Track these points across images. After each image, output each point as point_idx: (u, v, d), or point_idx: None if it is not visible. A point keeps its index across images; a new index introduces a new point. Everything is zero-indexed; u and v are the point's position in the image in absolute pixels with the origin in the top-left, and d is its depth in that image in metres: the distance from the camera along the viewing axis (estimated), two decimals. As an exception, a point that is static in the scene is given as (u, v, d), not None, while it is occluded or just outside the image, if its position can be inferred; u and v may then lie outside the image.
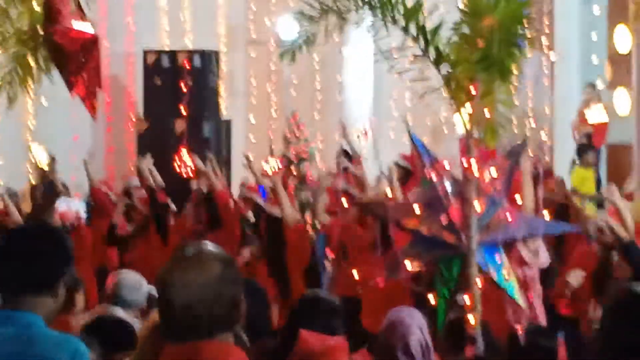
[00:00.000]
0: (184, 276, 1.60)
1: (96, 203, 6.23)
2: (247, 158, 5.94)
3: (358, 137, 7.30)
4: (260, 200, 5.72)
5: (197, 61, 8.24)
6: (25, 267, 1.82)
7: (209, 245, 1.68)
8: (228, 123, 8.60)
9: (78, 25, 3.27)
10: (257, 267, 5.09)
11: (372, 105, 8.69)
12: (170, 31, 8.84)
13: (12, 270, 1.83)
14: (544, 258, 3.90)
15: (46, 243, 1.86)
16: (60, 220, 1.97)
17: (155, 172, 5.90)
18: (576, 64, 8.83)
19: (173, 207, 5.88)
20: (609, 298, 2.07)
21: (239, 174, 8.09)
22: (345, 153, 6.83)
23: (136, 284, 3.18)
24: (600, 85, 8.60)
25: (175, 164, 6.52)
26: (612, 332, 1.85)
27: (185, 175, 6.28)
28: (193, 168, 6.27)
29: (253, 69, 9.43)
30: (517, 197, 3.32)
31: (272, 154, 7.37)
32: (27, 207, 6.62)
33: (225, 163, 8.11)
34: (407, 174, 6.38)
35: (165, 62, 8.39)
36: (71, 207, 1.92)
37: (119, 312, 2.99)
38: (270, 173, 6.66)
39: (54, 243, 1.87)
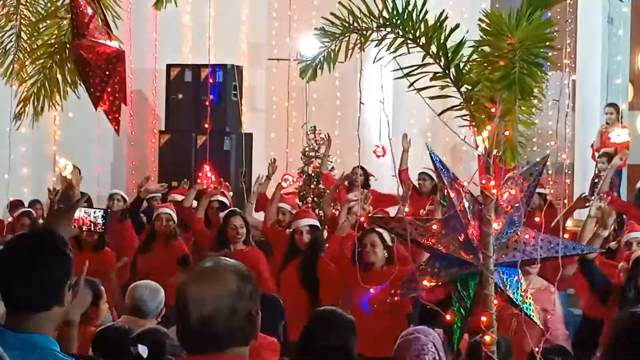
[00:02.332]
0: (200, 289, 1.62)
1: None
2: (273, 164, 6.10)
3: (375, 152, 7.32)
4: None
5: (219, 76, 8.34)
6: (26, 285, 1.75)
7: (227, 259, 1.70)
8: (249, 137, 8.68)
9: (104, 40, 3.33)
10: (288, 276, 5.05)
11: (391, 122, 8.70)
12: (194, 47, 8.98)
13: (14, 290, 1.76)
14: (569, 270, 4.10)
15: (44, 254, 1.78)
16: (74, 225, 2.01)
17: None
18: (599, 85, 8.78)
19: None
20: (616, 323, 2.06)
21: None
22: (362, 168, 6.89)
23: (149, 294, 3.24)
24: (622, 106, 8.54)
25: (199, 180, 6.64)
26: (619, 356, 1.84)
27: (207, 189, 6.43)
28: (215, 183, 6.42)
29: (274, 84, 9.52)
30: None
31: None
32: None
33: (244, 176, 8.16)
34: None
35: (188, 76, 8.51)
36: (89, 214, 1.94)
37: (142, 322, 3.06)
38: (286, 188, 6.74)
39: (52, 252, 1.79)
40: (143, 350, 2.15)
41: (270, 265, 5.27)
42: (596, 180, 7.95)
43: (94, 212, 2.16)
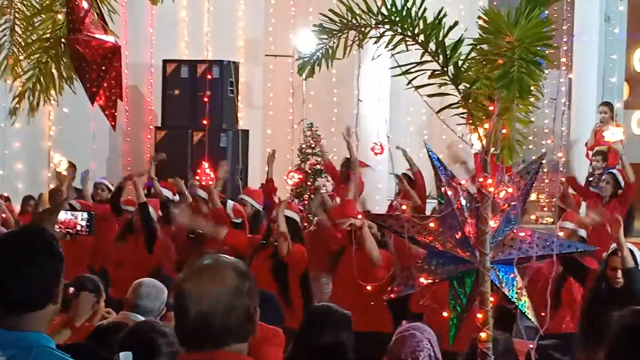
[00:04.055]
0: (198, 286, 1.62)
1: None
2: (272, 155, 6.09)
3: (372, 149, 7.30)
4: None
5: (215, 72, 8.31)
6: (21, 285, 1.73)
7: (226, 256, 1.70)
8: (245, 134, 8.65)
9: (100, 35, 3.31)
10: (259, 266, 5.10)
11: (388, 120, 8.71)
12: (190, 43, 8.94)
13: (8, 290, 1.73)
14: None
15: (38, 253, 1.75)
16: (60, 228, 1.98)
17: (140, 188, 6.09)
18: (594, 84, 8.80)
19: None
20: (618, 321, 2.07)
21: (255, 184, 8.11)
22: (347, 161, 6.90)
23: (155, 293, 3.23)
24: (617, 105, 8.58)
25: (197, 177, 6.64)
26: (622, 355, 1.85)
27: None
28: (214, 180, 6.44)
29: (271, 81, 9.49)
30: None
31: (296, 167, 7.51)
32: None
33: (241, 173, 8.16)
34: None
35: (184, 72, 8.48)
36: (76, 217, 1.92)
37: (139, 319, 3.04)
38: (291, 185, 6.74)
39: (46, 251, 1.77)
40: (126, 358, 2.10)
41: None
42: (590, 179, 7.98)
43: (81, 215, 2.14)
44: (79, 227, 2.09)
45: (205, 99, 8.06)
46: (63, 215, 2.08)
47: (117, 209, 6.28)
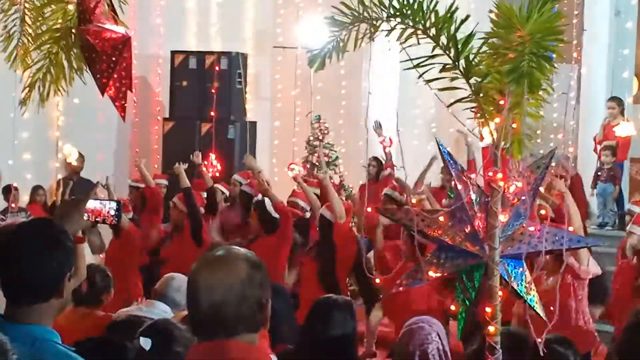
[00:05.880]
0: (211, 277, 1.64)
1: (150, 201, 6.45)
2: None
3: (382, 142, 7.29)
4: (303, 204, 5.86)
5: (224, 63, 8.31)
6: (26, 277, 1.75)
7: (238, 248, 1.71)
8: (253, 125, 8.65)
9: (110, 25, 3.31)
10: (305, 270, 5.12)
11: (396, 113, 8.68)
12: (198, 34, 8.93)
13: (13, 281, 1.75)
14: (595, 268, 4.18)
15: (44, 246, 1.77)
16: (90, 217, 2.01)
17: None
18: (604, 78, 8.74)
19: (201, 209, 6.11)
20: (635, 314, 2.07)
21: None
22: (376, 159, 6.87)
23: (185, 288, 3.24)
24: (629, 100, 8.52)
25: (204, 167, 6.66)
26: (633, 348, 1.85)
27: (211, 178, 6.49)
28: (220, 172, 6.46)
29: (279, 72, 9.48)
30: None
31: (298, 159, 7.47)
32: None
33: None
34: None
35: (192, 63, 8.48)
36: (104, 205, 1.94)
37: (163, 308, 3.06)
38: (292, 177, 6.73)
39: (53, 244, 1.78)
40: (145, 342, 2.16)
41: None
42: (599, 174, 7.96)
43: (109, 204, 2.16)
44: (106, 216, 2.11)
45: (214, 91, 8.05)
46: (92, 204, 2.11)
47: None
